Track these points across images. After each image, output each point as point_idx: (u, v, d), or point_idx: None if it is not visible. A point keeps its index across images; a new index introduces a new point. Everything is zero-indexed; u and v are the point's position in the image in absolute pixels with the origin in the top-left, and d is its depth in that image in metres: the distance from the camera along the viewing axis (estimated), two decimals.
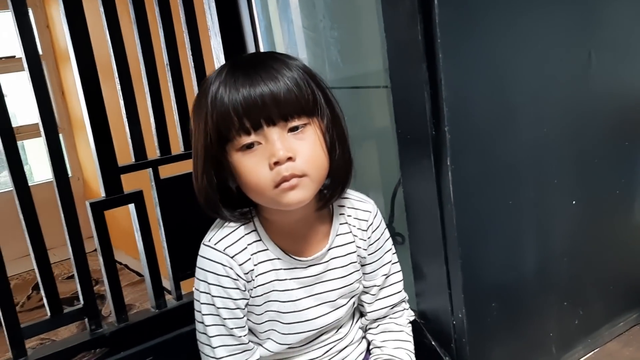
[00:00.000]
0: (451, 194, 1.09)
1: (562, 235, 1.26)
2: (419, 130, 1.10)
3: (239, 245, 0.89)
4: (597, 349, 1.35)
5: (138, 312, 1.50)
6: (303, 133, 0.84)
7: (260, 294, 0.91)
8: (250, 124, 0.81)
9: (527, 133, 1.18)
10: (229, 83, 0.82)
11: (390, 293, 1.02)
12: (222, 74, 0.84)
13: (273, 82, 0.81)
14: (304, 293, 0.94)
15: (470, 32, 1.07)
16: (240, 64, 0.85)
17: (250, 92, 0.80)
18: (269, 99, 0.80)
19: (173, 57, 1.46)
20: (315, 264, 0.94)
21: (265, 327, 0.93)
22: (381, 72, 1.44)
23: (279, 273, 0.91)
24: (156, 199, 1.47)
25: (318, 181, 0.86)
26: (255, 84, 0.81)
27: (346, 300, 0.98)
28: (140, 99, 1.43)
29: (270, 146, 0.81)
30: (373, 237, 0.99)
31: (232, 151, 0.84)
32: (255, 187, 0.83)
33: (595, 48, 1.24)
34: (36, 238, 1.32)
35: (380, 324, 1.03)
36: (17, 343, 1.30)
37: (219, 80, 0.83)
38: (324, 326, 0.95)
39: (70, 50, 1.33)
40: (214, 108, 0.82)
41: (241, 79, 0.82)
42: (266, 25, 1.61)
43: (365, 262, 0.99)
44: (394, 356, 0.98)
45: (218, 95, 0.82)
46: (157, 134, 1.47)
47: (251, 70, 0.82)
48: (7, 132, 1.27)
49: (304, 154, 0.83)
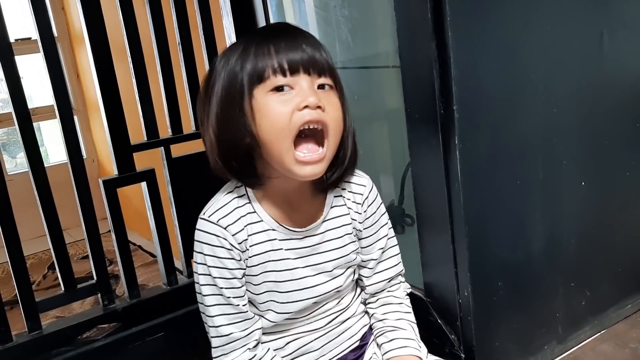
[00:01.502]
0: (459, 172, 1.09)
1: (570, 216, 1.26)
2: (427, 108, 1.10)
3: (232, 216, 0.91)
4: (604, 331, 1.36)
5: (150, 288, 1.54)
6: (329, 94, 0.87)
7: (256, 264, 0.93)
8: (288, 66, 0.84)
9: (537, 113, 1.17)
10: (268, 34, 0.86)
11: (388, 266, 1.04)
12: (252, 41, 0.87)
13: (307, 40, 0.86)
14: (301, 263, 0.95)
15: (480, 10, 1.06)
16: (267, 30, 0.90)
17: (291, 40, 0.85)
18: (309, 50, 0.85)
19: (185, 37, 1.48)
20: (310, 235, 0.95)
21: (264, 298, 0.95)
22: (391, 51, 1.44)
23: (273, 243, 0.93)
24: (168, 177, 1.49)
25: (332, 148, 0.88)
26: (294, 38, 0.86)
27: (343, 270, 0.99)
28: (153, 79, 1.45)
29: (303, 92, 0.84)
30: (369, 211, 1.00)
31: (261, 93, 0.85)
32: (277, 132, 0.84)
33: (607, 28, 1.23)
34: (50, 211, 1.35)
35: (379, 298, 1.05)
36: (32, 316, 1.34)
37: (252, 42, 0.86)
38: (322, 294, 0.97)
39: (84, 30, 1.35)
40: (250, 51, 0.85)
41: (279, 33, 0.86)
42: (277, 4, 1.61)
43: (361, 235, 1.01)
44: (397, 327, 1.00)
45: (255, 42, 0.85)
46: (169, 113, 1.48)
47: (285, 31, 0.87)
48: (24, 115, 1.30)
49: (330, 110, 0.86)
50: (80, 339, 1.39)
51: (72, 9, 3.57)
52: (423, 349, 1.02)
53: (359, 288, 1.07)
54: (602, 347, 1.31)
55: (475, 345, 1.17)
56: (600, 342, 1.33)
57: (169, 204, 1.51)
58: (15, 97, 1.29)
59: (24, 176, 1.62)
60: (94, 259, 1.42)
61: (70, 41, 3.74)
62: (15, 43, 3.40)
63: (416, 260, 1.25)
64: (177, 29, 1.47)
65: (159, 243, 1.49)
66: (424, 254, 1.22)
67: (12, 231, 1.30)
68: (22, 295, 1.33)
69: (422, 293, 1.25)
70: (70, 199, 1.39)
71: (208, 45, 1.52)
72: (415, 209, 1.21)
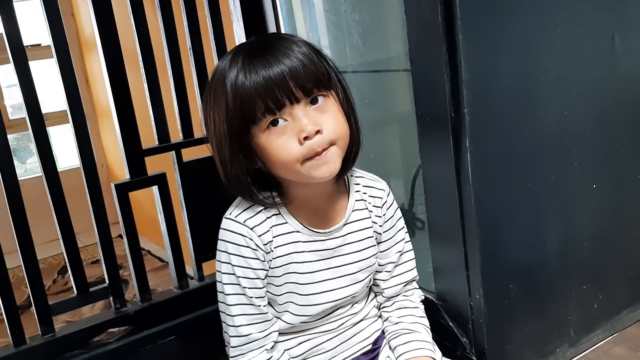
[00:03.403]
0: (470, 175, 1.09)
1: (582, 219, 1.26)
2: (438, 111, 1.10)
3: (258, 217, 0.92)
4: (617, 334, 1.35)
5: (161, 292, 1.54)
6: (324, 105, 0.87)
7: (279, 265, 0.94)
8: (274, 104, 0.84)
9: (548, 116, 1.17)
10: (246, 67, 0.85)
11: (404, 270, 1.05)
12: (238, 60, 0.86)
13: (289, 59, 0.84)
14: (322, 265, 0.96)
15: (491, 13, 1.07)
16: (252, 48, 0.88)
17: (269, 72, 0.83)
18: (288, 75, 0.83)
19: (196, 41, 1.49)
20: (332, 238, 0.97)
21: (283, 299, 0.95)
22: (402, 55, 1.44)
23: (297, 245, 0.94)
24: (179, 181, 1.49)
25: (344, 149, 0.90)
26: (273, 64, 0.84)
27: (365, 275, 1.00)
28: (164, 83, 1.46)
29: (297, 122, 0.84)
30: (387, 214, 1.02)
31: (259, 133, 0.87)
32: (286, 163, 0.86)
33: (619, 31, 1.23)
34: (63, 213, 1.36)
35: (395, 302, 1.05)
36: (45, 319, 1.35)
37: (235, 66, 0.86)
38: (340, 299, 0.98)
39: (96, 34, 1.36)
40: (236, 93, 0.85)
41: (257, 61, 0.84)
42: (288, 9, 1.62)
43: (380, 239, 1.02)
44: (412, 330, 1.00)
45: (238, 81, 0.85)
46: (180, 117, 1.49)
47: (266, 52, 0.85)
48: (37, 120, 1.32)
49: (329, 125, 0.86)
50: (93, 342, 1.39)
51: (82, 15, 3.60)
52: (437, 352, 1.02)
53: (373, 293, 1.07)
54: (615, 351, 1.30)
55: (487, 348, 1.17)
56: (613, 345, 1.32)
57: (178, 207, 1.51)
58: (29, 101, 1.30)
59: (34, 182, 1.64)
60: (106, 263, 1.43)
61: (80, 47, 3.77)
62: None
63: (427, 263, 1.26)
64: (188, 34, 1.48)
65: (170, 247, 1.50)
66: (435, 257, 1.22)
67: (26, 235, 1.31)
68: (35, 299, 1.34)
69: (434, 296, 1.25)
70: (79, 204, 1.41)
71: (219, 49, 1.53)
72: (426, 212, 1.21)
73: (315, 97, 0.86)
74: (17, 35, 1.27)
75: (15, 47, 1.27)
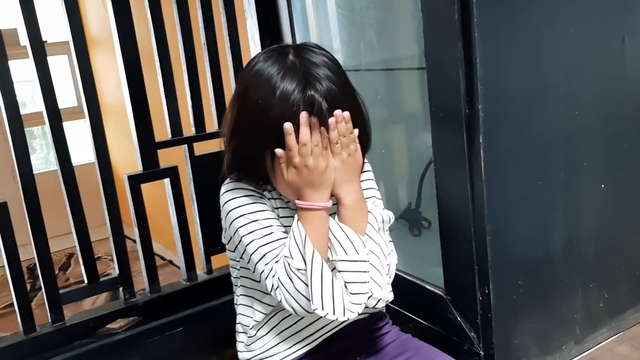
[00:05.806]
0: (482, 171, 1.11)
1: (590, 217, 1.28)
2: (452, 108, 1.12)
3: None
4: (621, 333, 1.37)
5: (170, 284, 1.55)
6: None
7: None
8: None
9: (559, 114, 1.19)
10: (291, 83, 0.89)
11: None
12: (284, 68, 0.90)
13: (324, 83, 0.90)
14: None
15: (506, 11, 1.09)
16: (296, 60, 0.92)
17: (313, 95, 0.89)
18: (325, 102, 0.89)
19: (210, 37, 1.51)
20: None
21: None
22: (416, 53, 1.46)
23: (294, 211, 1.01)
24: (190, 174, 1.51)
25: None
26: (312, 86, 0.89)
27: None
28: (178, 78, 1.47)
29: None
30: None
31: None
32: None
33: (629, 32, 1.25)
34: (77, 204, 1.38)
35: None
36: (55, 307, 1.36)
37: (287, 77, 0.89)
38: None
39: (113, 29, 1.38)
40: (283, 105, 0.89)
41: (300, 78, 0.89)
42: (302, 6, 1.64)
43: None
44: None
45: (287, 95, 0.89)
46: (193, 112, 1.51)
47: (308, 74, 0.90)
48: (54, 115, 1.34)
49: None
50: (102, 331, 1.40)
51: (89, 11, 3.61)
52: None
53: None
54: (620, 349, 1.32)
55: (495, 342, 1.18)
56: (617, 343, 1.34)
57: (187, 201, 1.53)
58: (47, 95, 1.33)
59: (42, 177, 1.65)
60: (117, 253, 1.44)
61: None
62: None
63: (435, 260, 1.27)
64: (203, 29, 1.50)
65: (180, 239, 1.51)
66: (445, 252, 1.24)
67: (40, 225, 1.33)
68: (47, 288, 1.35)
69: (442, 291, 1.26)
70: (87, 200, 1.42)
71: (232, 46, 1.55)
72: (437, 207, 1.23)
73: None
74: (36, 30, 1.30)
75: (35, 41, 1.29)
